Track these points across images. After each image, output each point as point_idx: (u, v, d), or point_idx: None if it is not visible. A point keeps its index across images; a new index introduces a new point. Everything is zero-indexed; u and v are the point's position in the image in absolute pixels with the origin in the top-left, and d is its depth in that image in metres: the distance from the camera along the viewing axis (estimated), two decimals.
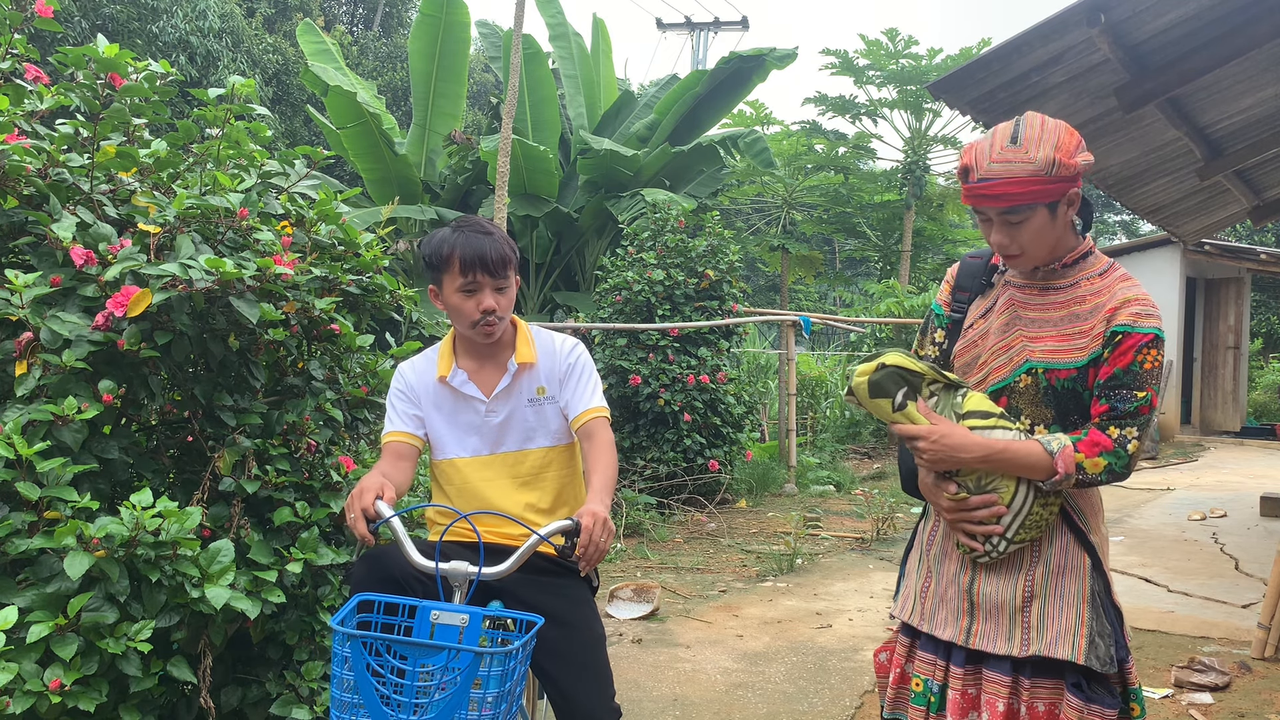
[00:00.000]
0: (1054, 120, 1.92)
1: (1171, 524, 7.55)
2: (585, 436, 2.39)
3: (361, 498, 2.09)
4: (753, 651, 4.50)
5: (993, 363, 2.03)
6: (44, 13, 2.66)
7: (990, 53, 5.03)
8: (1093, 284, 1.98)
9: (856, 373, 2.01)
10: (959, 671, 2.01)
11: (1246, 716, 3.67)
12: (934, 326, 2.19)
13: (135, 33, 14.47)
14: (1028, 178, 1.86)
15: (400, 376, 2.48)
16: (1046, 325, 1.99)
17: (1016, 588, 1.97)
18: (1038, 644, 1.93)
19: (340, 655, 1.77)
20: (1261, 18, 4.75)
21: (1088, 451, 1.89)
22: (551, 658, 2.21)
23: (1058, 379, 1.95)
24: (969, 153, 1.94)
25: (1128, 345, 1.90)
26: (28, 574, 2.18)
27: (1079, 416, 1.97)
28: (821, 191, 18.01)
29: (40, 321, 2.27)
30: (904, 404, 1.97)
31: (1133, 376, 1.90)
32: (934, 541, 2.12)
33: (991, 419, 1.94)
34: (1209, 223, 10.45)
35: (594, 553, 2.04)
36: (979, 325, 2.08)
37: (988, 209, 1.93)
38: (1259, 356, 17.94)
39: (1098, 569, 1.98)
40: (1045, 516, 1.95)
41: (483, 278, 2.30)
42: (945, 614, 2.06)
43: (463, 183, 13.98)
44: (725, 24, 24.10)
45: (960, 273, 2.17)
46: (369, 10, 24.79)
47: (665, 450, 7.70)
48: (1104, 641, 1.93)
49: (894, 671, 2.15)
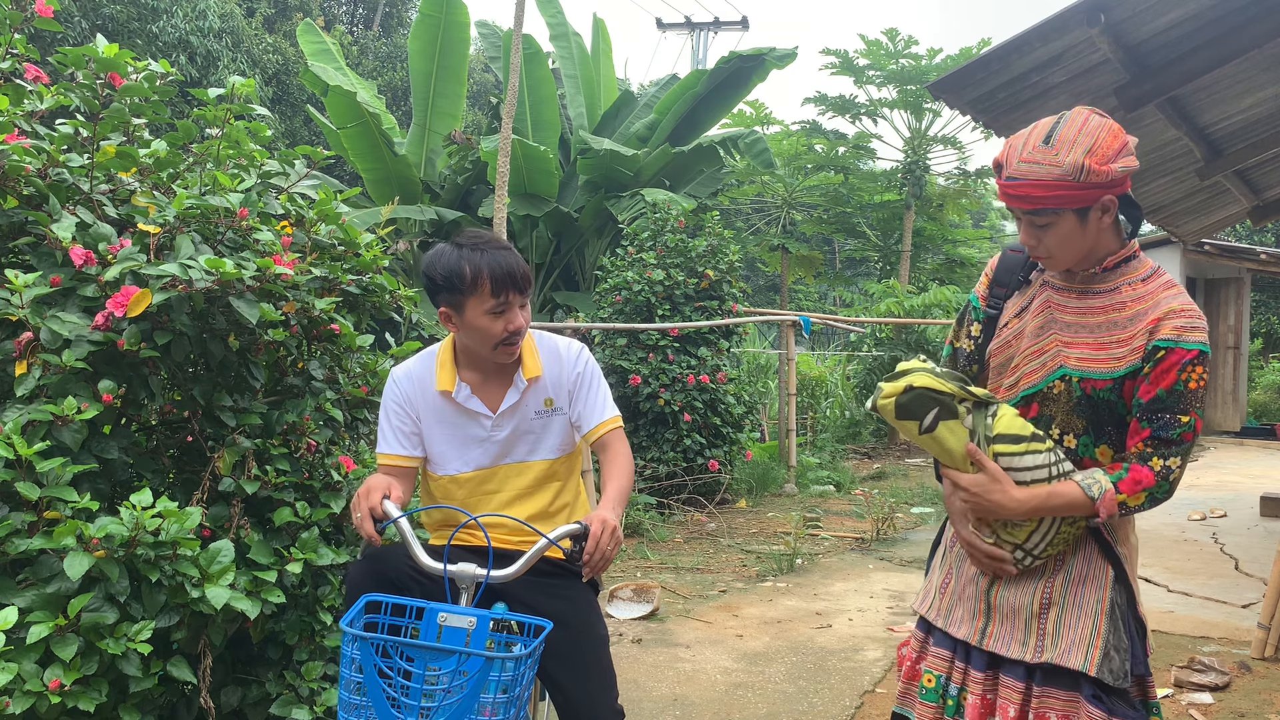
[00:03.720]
0: (1100, 120, 1.81)
1: (1171, 524, 7.55)
2: (602, 449, 2.34)
3: (369, 496, 2.07)
4: (753, 651, 4.50)
5: (1025, 366, 1.95)
6: (44, 13, 2.66)
7: (990, 53, 5.02)
8: (1134, 289, 1.88)
9: (883, 393, 1.93)
10: (979, 676, 1.97)
11: (1246, 716, 3.67)
12: (970, 319, 2.12)
13: (135, 33, 14.46)
14: (1053, 182, 1.77)
15: (395, 386, 2.35)
16: (1083, 331, 1.90)
17: (1034, 594, 1.93)
18: (1051, 651, 1.88)
19: (349, 656, 1.76)
20: (1261, 18, 4.74)
21: (1129, 491, 1.82)
22: (555, 660, 2.20)
23: (1093, 388, 1.86)
24: (1007, 146, 1.86)
25: (1171, 363, 1.80)
26: (28, 574, 2.18)
27: (1113, 428, 1.90)
28: (821, 191, 18.01)
29: (40, 321, 2.27)
30: (933, 426, 1.90)
31: (1176, 399, 1.80)
32: (957, 540, 2.08)
33: (1023, 444, 1.87)
34: (1209, 223, 10.44)
35: (600, 560, 2.02)
36: (1014, 325, 2.00)
37: (1015, 208, 1.86)
38: (1259, 356, 17.93)
39: (1121, 580, 1.91)
40: (1073, 533, 1.90)
41: (514, 297, 2.20)
42: (962, 612, 2.02)
43: (463, 183, 13.98)
44: (725, 24, 24.10)
45: (999, 266, 2.08)
46: (369, 10, 24.78)
47: (665, 450, 7.70)
48: (1119, 655, 1.87)
49: (905, 666, 2.12)
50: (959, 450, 1.91)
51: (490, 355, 2.27)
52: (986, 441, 1.89)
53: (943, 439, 1.91)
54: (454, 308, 2.22)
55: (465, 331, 2.25)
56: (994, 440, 1.89)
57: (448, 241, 2.28)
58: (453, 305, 2.22)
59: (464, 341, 2.30)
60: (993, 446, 1.89)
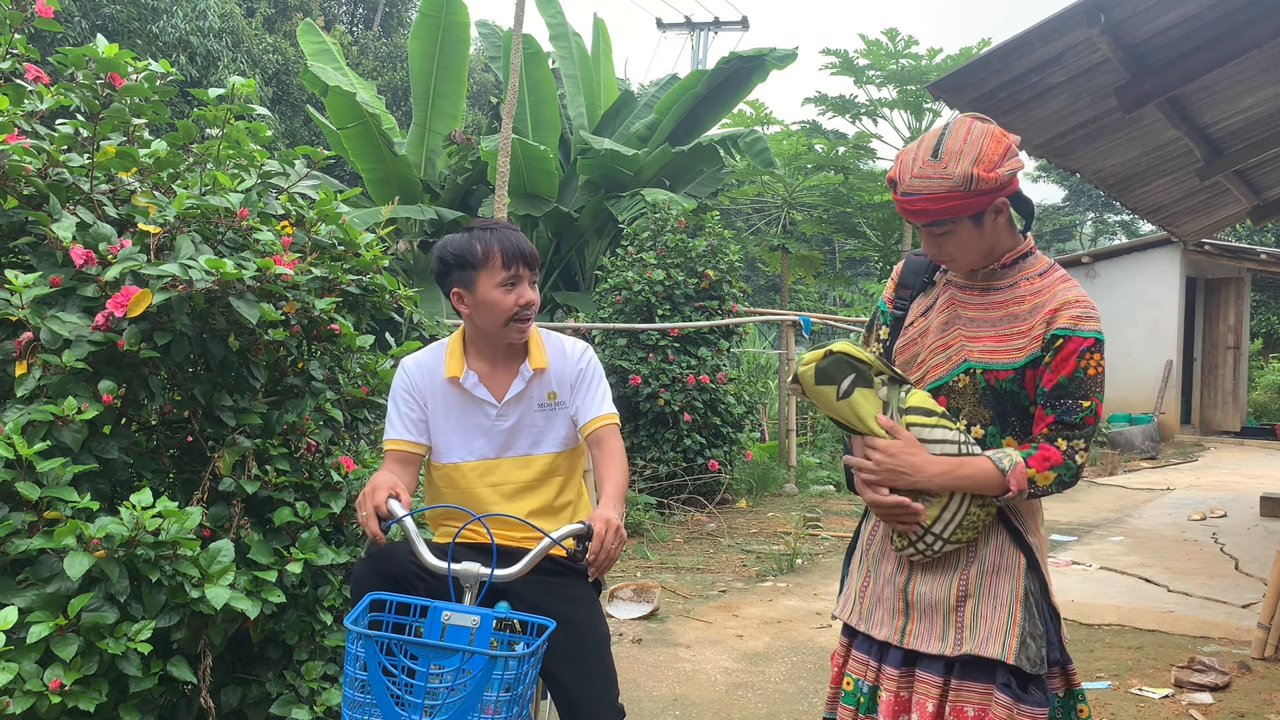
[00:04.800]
0: (983, 127, 1.88)
1: (1171, 524, 7.55)
2: (595, 444, 2.36)
3: (374, 495, 2.08)
4: (753, 651, 4.50)
5: (931, 360, 2.02)
6: (44, 13, 2.66)
7: (990, 53, 5.02)
8: (1032, 284, 1.97)
9: (803, 360, 2.00)
10: (893, 673, 2.00)
11: (1246, 716, 3.67)
12: (879, 323, 2.19)
13: (135, 33, 14.46)
14: (945, 194, 1.84)
15: (405, 374, 2.40)
16: (985, 325, 1.98)
17: (951, 587, 1.96)
18: (970, 643, 1.92)
19: (354, 655, 1.77)
20: (1261, 18, 4.74)
21: (1038, 466, 1.89)
22: (557, 658, 2.21)
23: (996, 379, 1.94)
24: (897, 161, 1.93)
25: (1069, 350, 1.89)
26: (28, 574, 2.18)
27: (1017, 418, 1.97)
28: (821, 191, 18.01)
29: (40, 321, 2.27)
30: (850, 392, 1.95)
31: (1077, 385, 1.89)
32: (874, 541, 2.12)
33: (934, 417, 1.94)
34: (1209, 223, 10.44)
35: (604, 559, 2.03)
36: (919, 323, 2.07)
37: (913, 221, 1.93)
38: (1259, 356, 17.93)
39: (1034, 569, 1.97)
40: (982, 517, 1.94)
41: (524, 271, 2.29)
42: (881, 613, 2.05)
43: (463, 183, 13.98)
44: (725, 24, 24.09)
45: (904, 270, 2.17)
46: (369, 10, 24.78)
47: (665, 450, 7.70)
48: (1035, 642, 1.91)
49: (833, 671, 2.15)
50: (872, 419, 1.95)
51: (502, 334, 2.32)
52: (900, 413, 1.95)
53: (857, 405, 1.95)
54: (466, 285, 2.29)
55: (477, 310, 2.31)
56: (906, 412, 1.95)
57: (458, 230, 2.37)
58: (464, 283, 2.29)
59: (475, 327, 2.36)
60: (905, 417, 1.94)
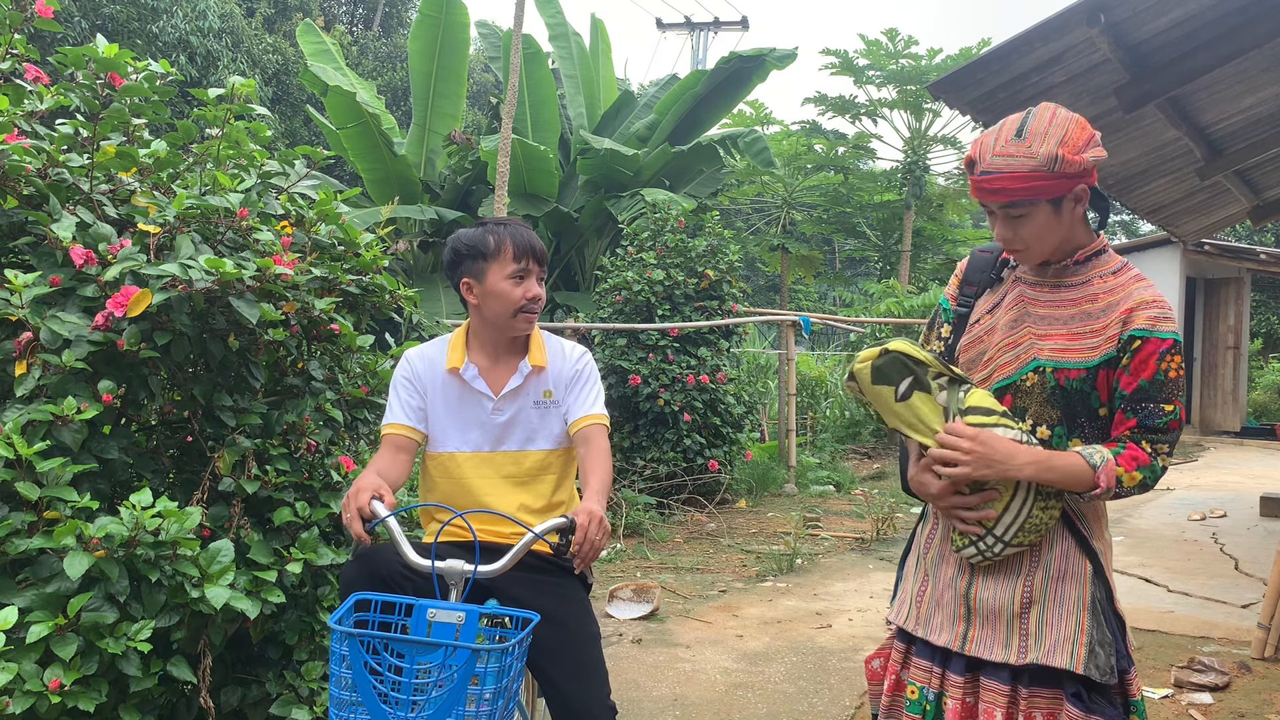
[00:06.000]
0: (1067, 113, 1.86)
1: (1171, 524, 7.55)
2: (582, 441, 2.39)
3: (357, 497, 2.10)
4: (753, 651, 4.50)
5: (999, 359, 1.97)
6: (44, 13, 2.66)
7: (990, 52, 5.03)
8: (1105, 282, 1.92)
9: (859, 358, 1.96)
10: (958, 680, 1.95)
11: (1246, 716, 3.67)
12: (940, 321, 2.14)
13: (135, 33, 14.46)
14: (1028, 173, 1.81)
15: (407, 363, 2.47)
16: (1056, 323, 1.93)
17: (1015, 593, 1.91)
18: (1035, 652, 1.87)
19: (338, 654, 1.78)
20: (1261, 18, 4.75)
21: (1127, 466, 1.84)
22: (546, 656, 2.22)
23: (1067, 379, 1.89)
24: (977, 144, 1.90)
25: (1148, 352, 1.84)
26: (28, 574, 2.18)
27: (1086, 420, 1.91)
28: (821, 191, 18.03)
29: (40, 321, 2.26)
30: (908, 394, 1.91)
31: (1159, 388, 1.84)
32: (931, 545, 2.07)
33: (994, 416, 1.88)
34: (1209, 223, 10.45)
35: (589, 551, 2.04)
36: (985, 320, 2.03)
37: (990, 203, 1.89)
38: (1259, 356, 17.94)
39: (1099, 575, 1.92)
40: (1045, 520, 1.89)
41: (533, 265, 2.37)
42: (941, 619, 2.00)
43: (462, 183, 13.99)
44: (725, 24, 24.10)
45: (969, 266, 2.12)
46: (369, 10, 24.78)
47: (665, 450, 7.70)
48: (1104, 650, 1.87)
49: (889, 679, 2.09)
50: (936, 420, 1.91)
51: (509, 325, 2.38)
52: (959, 414, 1.91)
53: (917, 408, 1.91)
54: (476, 275, 2.36)
55: (485, 300, 2.37)
56: (965, 412, 1.90)
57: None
58: (475, 274, 2.36)
59: (481, 319, 2.42)
60: (965, 418, 1.89)
